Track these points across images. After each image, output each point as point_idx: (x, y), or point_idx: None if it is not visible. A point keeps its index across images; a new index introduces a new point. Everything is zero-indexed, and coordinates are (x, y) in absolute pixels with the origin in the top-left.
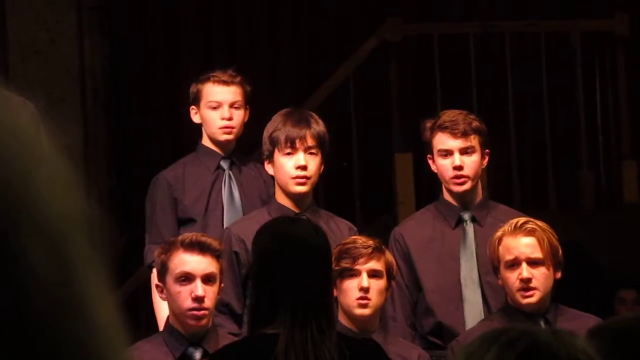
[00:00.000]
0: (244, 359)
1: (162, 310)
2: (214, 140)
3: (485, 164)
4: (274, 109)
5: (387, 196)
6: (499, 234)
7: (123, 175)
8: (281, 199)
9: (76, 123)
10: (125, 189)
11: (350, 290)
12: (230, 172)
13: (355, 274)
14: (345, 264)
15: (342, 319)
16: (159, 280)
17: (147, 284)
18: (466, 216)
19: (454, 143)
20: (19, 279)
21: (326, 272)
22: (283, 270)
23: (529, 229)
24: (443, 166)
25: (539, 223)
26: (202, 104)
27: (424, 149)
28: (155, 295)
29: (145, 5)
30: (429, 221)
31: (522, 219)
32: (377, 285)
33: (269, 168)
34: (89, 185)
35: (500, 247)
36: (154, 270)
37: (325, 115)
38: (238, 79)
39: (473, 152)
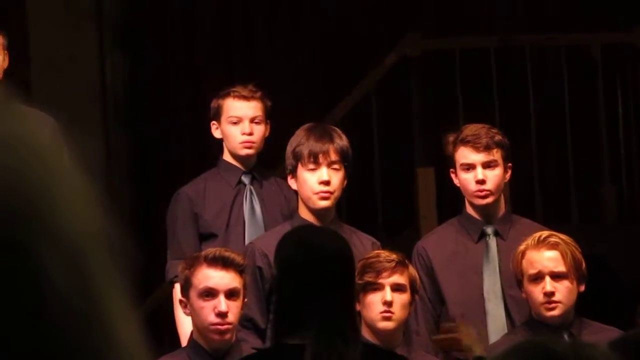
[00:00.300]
0: None
1: (185, 325)
2: (235, 155)
3: (508, 178)
4: (295, 124)
5: (409, 211)
6: (522, 247)
7: (144, 191)
8: (304, 213)
9: (97, 139)
10: (146, 204)
11: (374, 304)
12: (252, 187)
13: (378, 287)
14: (368, 277)
15: (365, 333)
16: (183, 296)
17: (169, 300)
18: (489, 230)
19: (477, 157)
20: (37, 292)
21: (350, 281)
22: (307, 279)
23: (552, 242)
24: (466, 180)
25: (562, 237)
26: (223, 119)
27: (446, 163)
28: (178, 311)
29: (164, 21)
30: (451, 235)
31: (545, 233)
32: (400, 300)
33: (292, 183)
34: (110, 200)
35: (524, 261)
36: (176, 286)
37: (347, 130)
38: (258, 94)
39: (496, 165)
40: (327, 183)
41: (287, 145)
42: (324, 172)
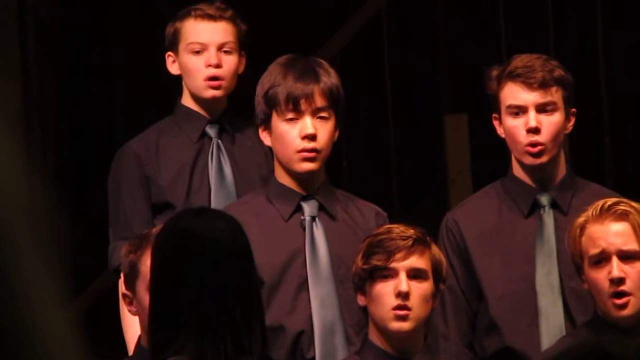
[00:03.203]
0: None
1: (132, 327)
2: (197, 98)
3: (571, 128)
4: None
5: (433, 172)
6: (581, 220)
7: (76, 148)
8: (283, 177)
9: (13, 77)
10: (79, 167)
11: (384, 297)
12: (219, 142)
13: (390, 274)
14: (377, 261)
15: (373, 336)
16: (127, 288)
17: (112, 293)
18: (544, 200)
19: (529, 96)
20: None
21: (244, 277)
22: (184, 277)
23: (620, 211)
24: (514, 128)
25: (635, 204)
26: (182, 47)
27: (485, 108)
28: (124, 309)
29: None
30: (493, 206)
31: (610, 200)
32: (420, 290)
33: (264, 137)
34: (32, 162)
35: (583, 238)
36: (123, 276)
37: (349, 64)
38: (229, 13)
39: (554, 110)
40: (312, 137)
41: (257, 86)
42: (307, 123)
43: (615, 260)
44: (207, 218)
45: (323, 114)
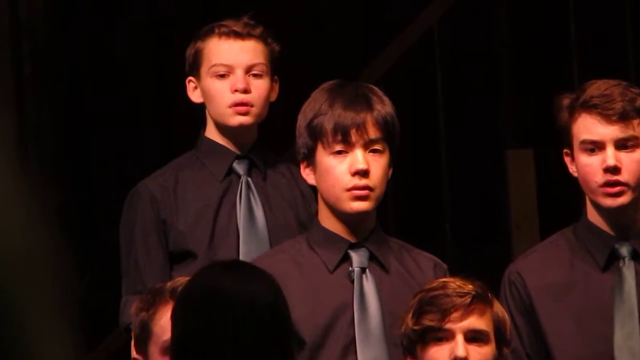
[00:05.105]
0: None
1: None
2: (223, 129)
3: None
4: (317, 84)
5: (494, 217)
6: None
7: (82, 187)
8: (328, 221)
9: (7, 107)
10: (85, 208)
11: None
12: (249, 179)
13: (445, 336)
14: (429, 321)
15: None
16: (138, 351)
17: (124, 353)
18: (624, 250)
19: (606, 130)
20: None
21: (280, 347)
22: (212, 344)
23: None
24: (588, 166)
25: None
26: (204, 70)
27: (555, 142)
28: None
29: None
30: (563, 256)
31: None
32: (479, 355)
33: (307, 175)
34: (30, 204)
35: None
36: (133, 337)
37: (396, 91)
38: (258, 30)
39: (636, 145)
40: (364, 173)
41: (299, 115)
42: (359, 157)
43: None
44: (240, 275)
45: (376, 147)
